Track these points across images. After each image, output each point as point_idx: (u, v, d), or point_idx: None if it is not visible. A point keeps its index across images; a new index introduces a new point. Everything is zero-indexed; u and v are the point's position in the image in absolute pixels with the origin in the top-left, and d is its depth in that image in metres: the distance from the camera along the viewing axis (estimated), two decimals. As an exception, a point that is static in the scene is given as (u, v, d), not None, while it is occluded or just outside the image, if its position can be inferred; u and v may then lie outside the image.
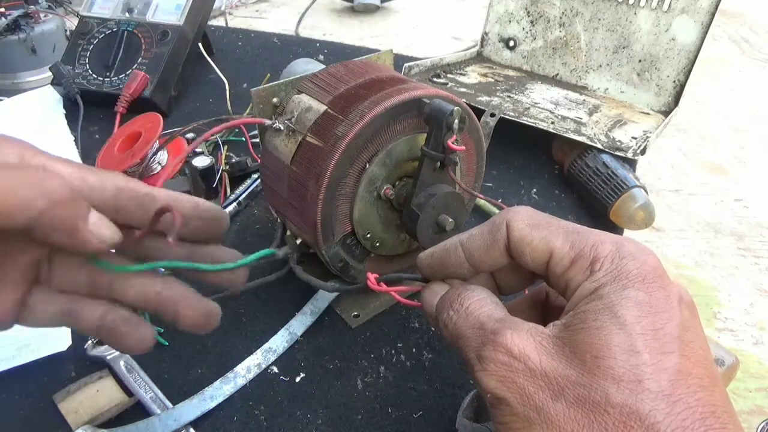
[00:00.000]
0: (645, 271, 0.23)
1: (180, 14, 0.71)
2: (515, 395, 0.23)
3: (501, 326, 0.24)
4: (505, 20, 0.81)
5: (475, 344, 0.25)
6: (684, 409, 0.21)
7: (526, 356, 0.23)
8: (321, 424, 0.36)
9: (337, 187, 0.36)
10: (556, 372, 0.22)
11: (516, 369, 0.23)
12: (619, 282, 0.23)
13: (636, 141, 0.60)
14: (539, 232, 0.26)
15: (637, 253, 0.24)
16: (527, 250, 0.26)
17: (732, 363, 0.39)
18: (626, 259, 0.24)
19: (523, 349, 0.23)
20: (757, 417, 1.19)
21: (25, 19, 0.78)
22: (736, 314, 1.45)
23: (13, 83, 0.77)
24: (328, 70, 0.41)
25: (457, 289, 0.28)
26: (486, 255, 0.27)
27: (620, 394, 0.21)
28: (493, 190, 0.59)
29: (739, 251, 1.64)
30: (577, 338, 0.23)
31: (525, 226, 0.26)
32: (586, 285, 0.24)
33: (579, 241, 0.25)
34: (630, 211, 0.54)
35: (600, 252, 0.24)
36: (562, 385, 0.22)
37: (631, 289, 0.23)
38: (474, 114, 0.40)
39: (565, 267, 0.25)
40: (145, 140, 0.53)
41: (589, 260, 0.24)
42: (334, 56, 0.85)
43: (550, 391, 0.22)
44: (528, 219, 0.26)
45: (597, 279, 0.24)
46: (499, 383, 0.23)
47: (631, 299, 0.23)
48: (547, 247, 0.25)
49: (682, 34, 0.68)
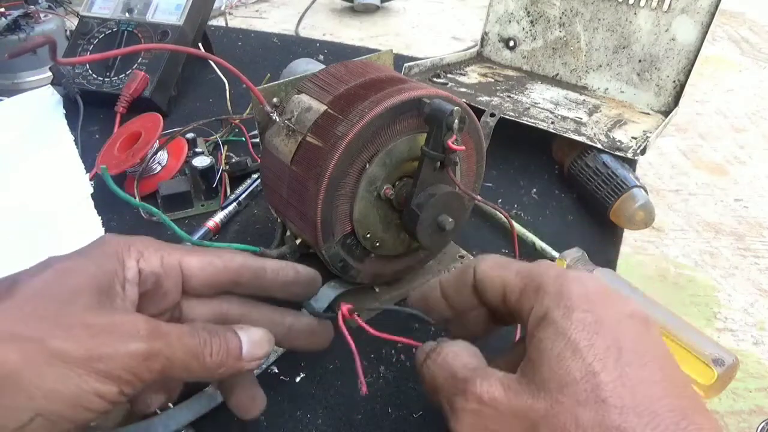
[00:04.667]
0: (588, 292, 0.25)
1: (180, 14, 0.71)
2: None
3: (472, 375, 0.25)
4: (505, 20, 0.81)
5: (448, 394, 0.26)
6: (652, 418, 0.21)
7: (495, 400, 0.24)
8: (321, 424, 0.36)
9: (337, 187, 0.36)
10: (526, 408, 0.23)
11: (487, 415, 0.24)
12: (565, 305, 0.24)
13: (636, 141, 0.60)
14: (498, 270, 0.28)
15: (581, 277, 0.26)
16: (487, 286, 0.28)
17: (732, 363, 0.39)
18: (569, 282, 0.25)
19: (492, 395, 0.24)
20: (757, 417, 1.19)
21: (25, 19, 0.78)
22: (736, 314, 1.45)
23: (13, 83, 0.77)
24: (328, 70, 0.41)
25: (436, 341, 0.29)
26: (457, 294, 0.30)
27: (589, 415, 0.22)
28: (493, 190, 0.59)
29: (739, 251, 1.64)
30: (539, 370, 0.23)
31: (487, 268, 0.29)
32: (535, 311, 0.25)
33: (528, 272, 0.27)
34: (630, 211, 0.54)
35: (544, 279, 0.26)
36: (535, 420, 0.23)
37: (578, 311, 0.24)
38: (474, 114, 0.40)
39: (516, 298, 0.27)
40: (145, 140, 0.53)
41: (535, 287, 0.26)
42: (334, 56, 0.85)
43: (523, 429, 0.23)
44: (492, 262, 0.29)
45: (544, 304, 0.25)
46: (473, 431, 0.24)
47: (579, 321, 0.23)
48: (502, 282, 0.28)
49: (682, 34, 0.68)
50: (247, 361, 0.28)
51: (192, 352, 0.26)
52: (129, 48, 0.39)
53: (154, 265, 0.29)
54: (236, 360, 0.28)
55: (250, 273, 0.32)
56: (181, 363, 0.26)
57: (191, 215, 0.53)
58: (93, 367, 0.23)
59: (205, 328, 0.28)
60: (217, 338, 0.27)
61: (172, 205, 0.52)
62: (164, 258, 0.29)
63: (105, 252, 0.28)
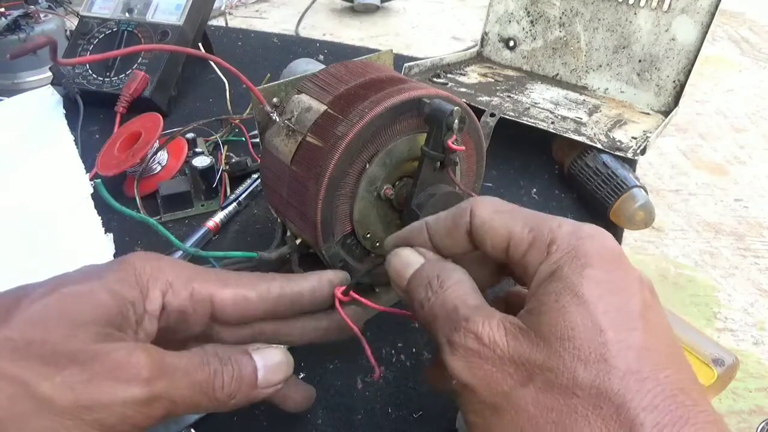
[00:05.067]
0: (603, 251, 0.23)
1: (180, 14, 0.71)
2: (482, 382, 0.23)
3: (474, 313, 0.24)
4: (505, 20, 0.81)
5: (446, 329, 0.24)
6: (654, 386, 0.20)
7: (495, 343, 0.23)
8: (321, 424, 0.36)
9: (337, 187, 0.36)
10: (524, 358, 0.22)
11: (485, 356, 0.23)
12: (578, 262, 0.23)
13: (636, 141, 0.60)
14: (500, 217, 0.26)
15: (596, 234, 0.24)
16: (488, 235, 0.26)
17: (732, 363, 0.39)
18: (584, 239, 0.23)
19: (492, 337, 0.23)
20: (757, 417, 1.19)
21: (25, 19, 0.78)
22: (736, 314, 1.45)
23: (13, 83, 0.77)
24: (328, 70, 0.41)
25: (435, 265, 0.27)
26: (448, 238, 0.27)
27: (588, 374, 0.20)
28: (493, 190, 0.59)
29: (739, 251, 1.64)
30: (541, 321, 0.22)
31: (488, 212, 0.26)
32: (544, 267, 0.23)
33: (537, 224, 0.25)
34: (630, 211, 0.54)
35: (557, 234, 0.24)
36: (531, 371, 0.22)
37: (591, 269, 0.22)
38: (474, 114, 0.40)
39: (523, 251, 0.25)
40: (145, 140, 0.53)
41: (546, 242, 0.24)
42: (334, 56, 0.85)
43: (518, 378, 0.22)
44: (492, 206, 0.26)
45: (555, 260, 0.23)
46: (467, 369, 0.23)
47: (591, 278, 0.22)
48: (507, 232, 0.25)
49: (682, 34, 0.68)
50: (263, 389, 0.27)
51: (200, 388, 0.24)
52: (129, 48, 0.39)
53: (182, 298, 0.27)
54: (250, 388, 0.26)
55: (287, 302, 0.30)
56: (188, 401, 0.24)
57: (191, 215, 0.53)
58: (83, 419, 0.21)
59: (216, 355, 0.26)
60: (229, 366, 0.25)
61: (172, 205, 0.52)
62: (195, 291, 0.27)
63: (126, 278, 0.25)
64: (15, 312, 0.23)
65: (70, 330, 0.22)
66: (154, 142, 0.53)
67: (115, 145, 0.55)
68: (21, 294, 0.24)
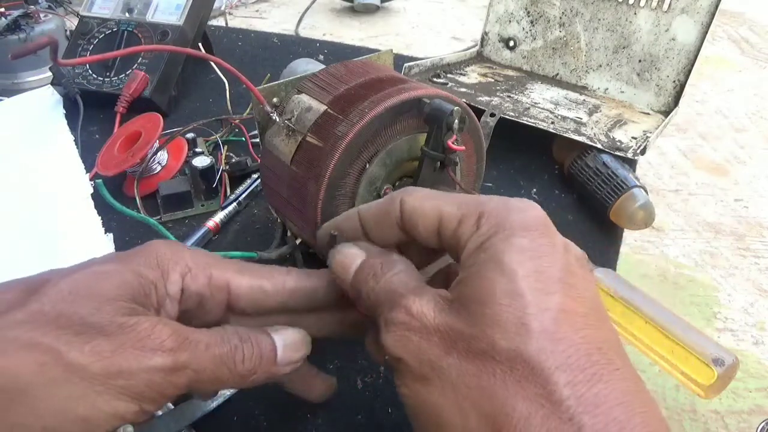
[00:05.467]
0: (530, 221, 0.24)
1: (180, 14, 0.71)
2: (411, 353, 0.23)
3: (409, 291, 0.25)
4: (505, 20, 0.81)
5: (384, 310, 0.25)
6: (568, 346, 0.21)
7: (423, 315, 0.23)
8: (321, 424, 0.36)
9: (337, 187, 0.36)
10: (448, 327, 0.23)
11: (413, 327, 0.23)
12: (504, 232, 0.23)
13: (636, 141, 0.60)
14: (431, 201, 0.26)
15: (523, 206, 0.25)
16: (420, 219, 0.26)
17: (732, 363, 0.39)
18: (511, 211, 0.24)
19: (420, 309, 0.24)
20: (757, 417, 1.19)
21: (25, 19, 0.78)
22: (736, 314, 1.45)
23: (13, 83, 0.77)
24: (328, 70, 0.41)
25: (378, 257, 0.28)
26: (378, 227, 0.28)
27: (505, 339, 0.21)
28: (493, 190, 0.59)
29: (739, 251, 1.64)
30: (464, 291, 0.23)
31: (417, 199, 0.27)
32: (473, 240, 0.24)
33: (466, 202, 0.25)
34: (630, 211, 0.54)
35: (486, 207, 0.25)
36: (454, 339, 0.22)
37: (516, 237, 0.23)
38: (474, 114, 0.40)
39: (453, 227, 0.25)
40: (145, 140, 0.53)
41: (475, 217, 0.25)
42: (334, 56, 0.85)
43: (443, 347, 0.23)
44: (422, 193, 0.27)
45: (483, 233, 0.24)
46: (397, 342, 0.24)
47: (514, 246, 0.23)
48: (437, 212, 0.26)
49: (682, 34, 0.68)
50: (282, 365, 0.27)
51: (222, 361, 0.25)
52: (129, 49, 0.39)
53: (200, 283, 0.27)
54: (270, 365, 0.27)
55: (301, 296, 0.30)
56: (210, 374, 0.25)
57: (191, 215, 0.53)
58: (112, 384, 0.22)
59: (237, 333, 0.26)
60: (249, 343, 0.26)
61: (172, 205, 0.52)
62: (213, 277, 0.28)
63: (148, 260, 0.26)
64: (45, 288, 0.24)
65: (98, 304, 0.23)
66: (154, 142, 0.53)
67: (115, 145, 0.55)
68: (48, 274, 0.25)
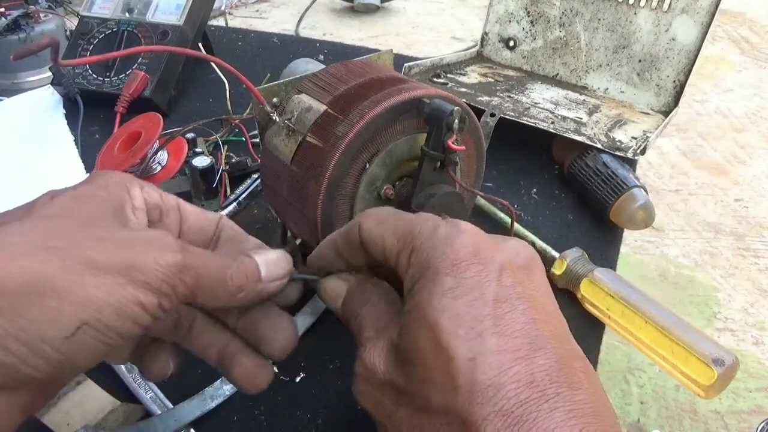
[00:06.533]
0: (455, 253, 0.23)
1: (180, 14, 0.71)
2: (371, 405, 0.25)
3: (366, 340, 0.25)
4: (505, 20, 0.81)
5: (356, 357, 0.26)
6: (496, 392, 0.21)
7: (375, 367, 0.24)
8: (321, 424, 0.36)
9: (337, 187, 0.36)
10: (393, 381, 0.23)
11: (369, 380, 0.24)
12: (429, 273, 0.23)
13: (636, 141, 0.60)
14: (380, 228, 0.26)
15: (449, 235, 0.24)
16: (371, 247, 0.26)
17: (732, 363, 0.39)
18: (436, 246, 0.24)
19: (372, 362, 0.24)
20: (757, 417, 1.19)
21: (25, 19, 0.78)
22: (736, 314, 1.45)
23: (13, 83, 0.77)
24: (328, 70, 0.41)
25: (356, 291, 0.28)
26: (347, 251, 0.28)
27: (436, 396, 0.21)
28: (493, 190, 0.59)
29: (739, 251, 1.64)
30: (401, 343, 0.23)
31: (371, 224, 0.26)
32: (406, 281, 0.24)
33: (404, 232, 0.25)
34: (630, 211, 0.54)
35: (416, 243, 0.24)
36: (399, 393, 0.23)
37: (440, 276, 0.23)
38: (474, 114, 0.40)
39: (393, 261, 0.25)
40: (145, 140, 0.53)
41: (408, 252, 0.24)
42: (334, 56, 0.85)
43: (392, 400, 0.23)
44: (376, 217, 0.27)
45: (412, 275, 0.24)
46: (359, 394, 0.25)
47: (437, 289, 0.22)
48: (381, 242, 0.26)
49: (682, 34, 0.68)
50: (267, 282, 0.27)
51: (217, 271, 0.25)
52: (129, 50, 0.39)
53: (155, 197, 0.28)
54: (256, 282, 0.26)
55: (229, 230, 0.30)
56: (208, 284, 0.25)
57: (191, 215, 0.53)
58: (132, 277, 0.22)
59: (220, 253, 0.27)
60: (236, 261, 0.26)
61: (172, 205, 0.52)
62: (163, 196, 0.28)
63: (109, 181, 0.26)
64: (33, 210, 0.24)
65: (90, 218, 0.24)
66: (154, 142, 0.53)
67: (115, 145, 0.55)
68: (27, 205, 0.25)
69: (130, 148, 0.54)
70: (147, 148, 0.52)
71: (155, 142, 0.53)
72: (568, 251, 0.48)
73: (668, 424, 1.20)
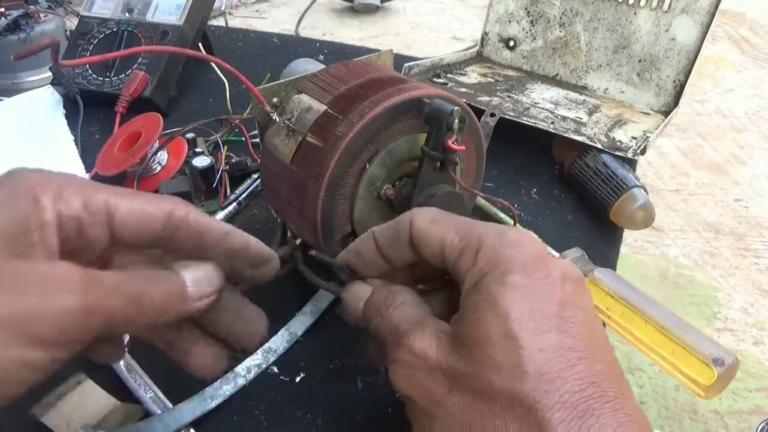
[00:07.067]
0: (524, 255, 0.24)
1: (180, 14, 0.71)
2: (418, 392, 0.24)
3: (411, 328, 0.26)
4: (505, 20, 0.81)
5: (391, 347, 0.26)
6: (562, 384, 0.22)
7: (426, 354, 0.24)
8: (321, 424, 0.36)
9: (337, 187, 0.36)
10: (449, 366, 0.24)
11: (418, 367, 0.24)
12: (499, 269, 0.24)
13: (636, 141, 0.60)
14: (436, 226, 0.27)
15: (519, 239, 0.25)
16: (425, 244, 0.27)
17: (732, 363, 0.39)
18: (506, 246, 0.25)
19: (423, 348, 0.25)
20: (757, 417, 1.19)
21: (25, 19, 0.78)
22: (736, 314, 1.45)
23: (13, 83, 0.77)
24: (328, 70, 0.41)
25: (382, 291, 0.29)
26: (392, 248, 0.28)
27: (501, 381, 0.22)
28: (493, 190, 0.59)
29: (739, 251, 1.64)
30: (462, 329, 0.24)
31: (425, 221, 0.27)
32: (470, 276, 0.25)
33: (467, 232, 0.26)
34: (630, 211, 0.54)
35: (483, 241, 0.25)
36: (455, 378, 0.23)
37: (511, 275, 0.24)
38: (474, 114, 0.40)
39: (455, 258, 0.26)
40: (145, 140, 0.53)
41: (474, 250, 0.25)
42: (334, 56, 0.85)
43: (446, 385, 0.24)
44: (429, 216, 0.28)
45: (478, 270, 0.25)
46: (404, 382, 0.25)
47: (508, 285, 0.24)
48: (440, 240, 0.26)
49: (682, 34, 0.68)
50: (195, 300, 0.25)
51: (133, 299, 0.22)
52: (129, 50, 0.39)
53: (75, 207, 0.23)
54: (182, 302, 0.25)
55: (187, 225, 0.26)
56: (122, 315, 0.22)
57: (191, 215, 0.53)
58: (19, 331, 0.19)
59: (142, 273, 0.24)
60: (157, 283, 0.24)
61: (172, 205, 0.52)
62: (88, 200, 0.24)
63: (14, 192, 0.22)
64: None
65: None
66: (154, 142, 0.53)
67: (115, 145, 0.55)
68: None
69: (130, 148, 0.54)
70: (147, 148, 0.52)
71: (155, 142, 0.53)
72: (568, 251, 0.48)
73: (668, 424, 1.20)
